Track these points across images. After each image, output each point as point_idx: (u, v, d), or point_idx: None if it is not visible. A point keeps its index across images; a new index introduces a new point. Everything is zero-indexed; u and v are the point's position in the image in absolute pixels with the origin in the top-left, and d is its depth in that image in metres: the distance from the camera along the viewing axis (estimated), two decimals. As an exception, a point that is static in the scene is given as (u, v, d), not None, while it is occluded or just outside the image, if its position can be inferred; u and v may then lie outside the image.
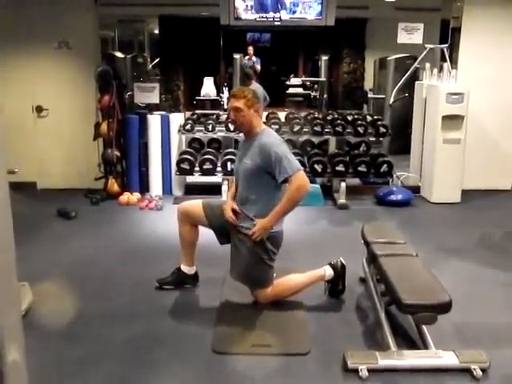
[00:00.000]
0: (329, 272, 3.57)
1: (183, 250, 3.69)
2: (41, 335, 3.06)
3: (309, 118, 6.85)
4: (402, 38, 6.41)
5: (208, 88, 9.48)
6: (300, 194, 3.19)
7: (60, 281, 3.88)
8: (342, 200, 5.94)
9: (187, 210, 3.59)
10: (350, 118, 6.78)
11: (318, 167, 5.99)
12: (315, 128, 6.33)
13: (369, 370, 2.74)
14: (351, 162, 6.12)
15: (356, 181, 6.41)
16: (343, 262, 3.61)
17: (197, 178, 6.19)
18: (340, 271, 3.59)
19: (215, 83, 9.80)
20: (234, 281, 3.48)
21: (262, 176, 3.28)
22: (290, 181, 3.16)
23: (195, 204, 3.59)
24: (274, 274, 3.46)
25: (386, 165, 6.08)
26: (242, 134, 3.62)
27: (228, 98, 3.46)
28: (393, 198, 6.02)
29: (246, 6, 6.12)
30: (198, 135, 6.56)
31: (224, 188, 5.87)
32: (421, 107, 6.46)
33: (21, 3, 6.05)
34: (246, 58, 10.33)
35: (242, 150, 3.51)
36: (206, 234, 3.65)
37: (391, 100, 7.95)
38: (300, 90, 10.38)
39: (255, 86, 8.21)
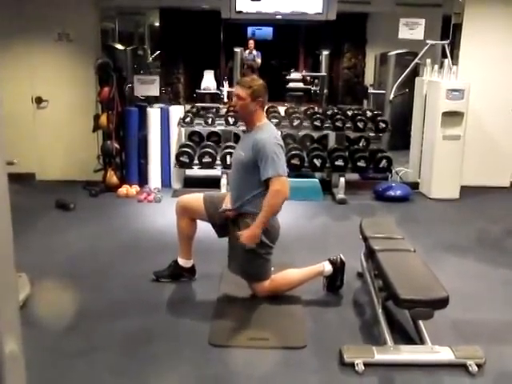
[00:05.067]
0: (328, 268, 3.57)
1: (181, 243, 3.69)
2: (38, 327, 3.06)
3: (309, 112, 6.84)
4: (403, 33, 6.39)
5: (208, 81, 9.46)
6: (278, 199, 3.18)
7: (58, 272, 3.89)
8: (340, 195, 5.95)
9: (186, 204, 3.59)
10: (349, 113, 6.77)
11: (318, 162, 5.99)
12: (315, 123, 6.33)
13: (365, 365, 2.75)
14: (350, 157, 6.13)
15: (355, 176, 6.42)
16: (343, 258, 3.60)
17: (196, 171, 6.19)
18: (339, 267, 3.58)
19: (215, 76, 9.79)
20: (232, 274, 3.49)
21: (253, 170, 3.26)
22: (270, 184, 3.17)
23: (195, 198, 3.59)
24: (272, 268, 3.47)
25: (385, 160, 6.08)
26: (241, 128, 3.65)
27: (236, 84, 3.51)
28: (391, 193, 6.03)
29: (247, -1, 6.10)
30: (197, 128, 6.55)
31: (223, 181, 5.87)
32: (421, 103, 6.46)
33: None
34: (247, 51, 10.31)
35: (241, 141, 3.56)
36: (204, 228, 3.66)
37: (391, 96, 7.92)
38: (300, 85, 10.35)
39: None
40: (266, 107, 3.46)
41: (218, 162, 5.99)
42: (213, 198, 3.60)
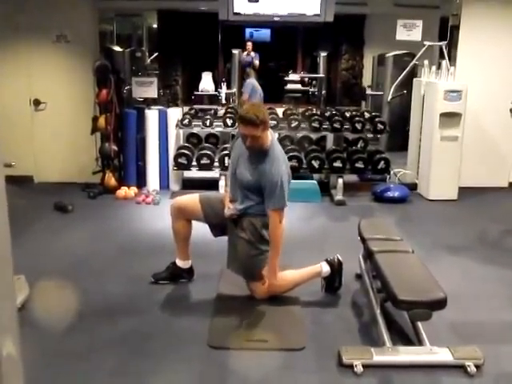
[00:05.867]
0: (326, 269, 3.59)
1: (177, 244, 3.69)
2: (37, 328, 3.06)
3: (307, 114, 6.86)
4: (401, 34, 6.41)
5: (206, 83, 9.46)
6: (280, 228, 3.31)
7: (56, 274, 3.88)
8: (339, 196, 5.95)
9: (182, 205, 3.59)
10: (347, 114, 6.79)
11: (316, 163, 5.99)
12: (313, 124, 6.34)
13: (364, 366, 2.75)
14: (349, 158, 6.13)
15: (353, 177, 6.43)
16: (340, 258, 3.62)
17: (194, 173, 6.18)
18: (337, 268, 3.60)
19: (213, 78, 9.79)
20: (232, 273, 3.50)
21: (259, 190, 3.32)
22: (272, 215, 3.26)
23: (191, 199, 3.59)
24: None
25: (383, 161, 6.09)
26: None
27: (239, 121, 3.34)
28: (390, 194, 6.03)
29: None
30: (195, 130, 6.56)
31: (221, 183, 5.87)
32: (419, 104, 6.47)
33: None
34: (245, 53, 10.31)
35: (243, 156, 3.39)
36: (201, 229, 3.66)
37: (389, 97, 7.95)
38: (298, 86, 10.36)
39: (252, 81, 8.20)
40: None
41: (216, 163, 5.99)
42: (209, 198, 3.60)
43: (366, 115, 6.84)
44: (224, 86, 9.05)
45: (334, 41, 10.60)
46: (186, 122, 6.32)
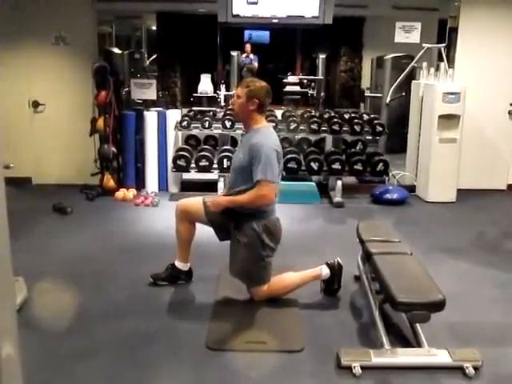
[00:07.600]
0: (325, 272, 3.58)
1: (179, 246, 3.69)
2: (34, 330, 3.06)
3: (306, 116, 6.85)
4: (400, 37, 6.43)
5: (205, 85, 9.44)
6: (260, 201, 3.27)
7: (55, 276, 3.88)
8: (337, 198, 5.96)
9: (186, 208, 3.59)
10: (346, 116, 6.78)
11: (315, 165, 6.00)
12: (312, 126, 6.34)
13: (362, 368, 2.75)
14: (347, 160, 6.14)
15: (352, 179, 6.43)
16: (340, 262, 3.61)
17: (193, 175, 6.19)
18: (337, 271, 3.59)
19: (212, 80, 9.78)
20: (232, 277, 3.49)
21: (251, 173, 3.30)
22: (258, 187, 3.22)
23: (195, 201, 3.58)
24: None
25: (382, 163, 6.10)
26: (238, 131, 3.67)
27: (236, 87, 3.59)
28: (388, 196, 6.04)
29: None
30: (194, 132, 6.57)
31: (220, 185, 5.87)
32: (417, 106, 6.48)
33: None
34: (244, 55, 10.32)
35: (240, 143, 3.60)
36: (201, 232, 3.66)
37: (388, 99, 7.96)
38: (297, 88, 10.35)
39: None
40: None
41: (215, 165, 6.00)
42: None
43: (365, 117, 6.84)
44: (223, 87, 9.04)
45: (333, 43, 10.61)
46: (184, 123, 6.32)
